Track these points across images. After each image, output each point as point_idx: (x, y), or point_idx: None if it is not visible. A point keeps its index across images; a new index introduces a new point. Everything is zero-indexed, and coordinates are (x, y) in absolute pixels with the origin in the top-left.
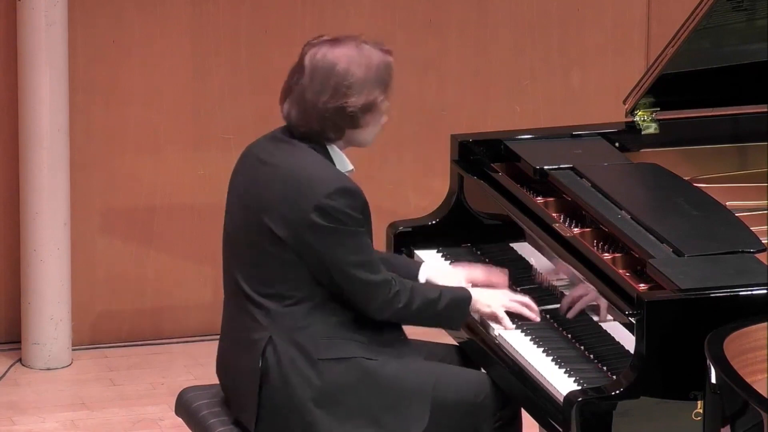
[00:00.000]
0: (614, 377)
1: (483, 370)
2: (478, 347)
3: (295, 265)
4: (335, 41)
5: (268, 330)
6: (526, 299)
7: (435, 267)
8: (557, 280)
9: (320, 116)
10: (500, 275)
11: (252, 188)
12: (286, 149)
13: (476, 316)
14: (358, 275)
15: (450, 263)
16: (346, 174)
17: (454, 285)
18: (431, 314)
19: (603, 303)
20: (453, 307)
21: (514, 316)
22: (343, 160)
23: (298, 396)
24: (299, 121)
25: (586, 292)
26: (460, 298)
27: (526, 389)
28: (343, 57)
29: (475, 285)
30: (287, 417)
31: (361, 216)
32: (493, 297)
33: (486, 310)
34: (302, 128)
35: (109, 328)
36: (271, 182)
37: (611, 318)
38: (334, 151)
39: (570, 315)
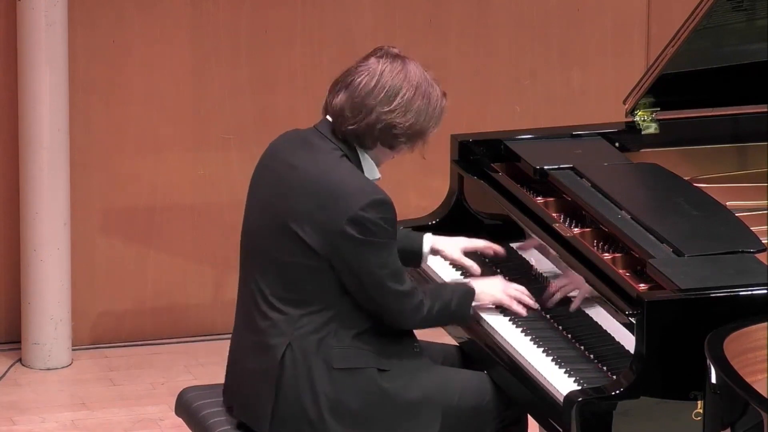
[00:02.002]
0: (614, 377)
1: (484, 372)
2: (478, 347)
3: (320, 273)
4: (410, 61)
5: (286, 336)
6: (522, 288)
7: (435, 237)
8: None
9: (371, 124)
10: (498, 247)
11: (280, 192)
12: (317, 154)
13: (480, 312)
14: (391, 285)
15: (450, 263)
16: (374, 182)
17: (455, 257)
18: (447, 315)
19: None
20: (463, 304)
21: (509, 312)
22: (372, 168)
23: (312, 404)
24: (350, 119)
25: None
26: (466, 293)
27: (525, 389)
28: (414, 81)
29: (472, 252)
30: (300, 424)
31: (393, 229)
32: (493, 286)
33: (489, 299)
34: (348, 125)
35: (109, 328)
36: (300, 189)
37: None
38: (365, 158)
39: (551, 304)
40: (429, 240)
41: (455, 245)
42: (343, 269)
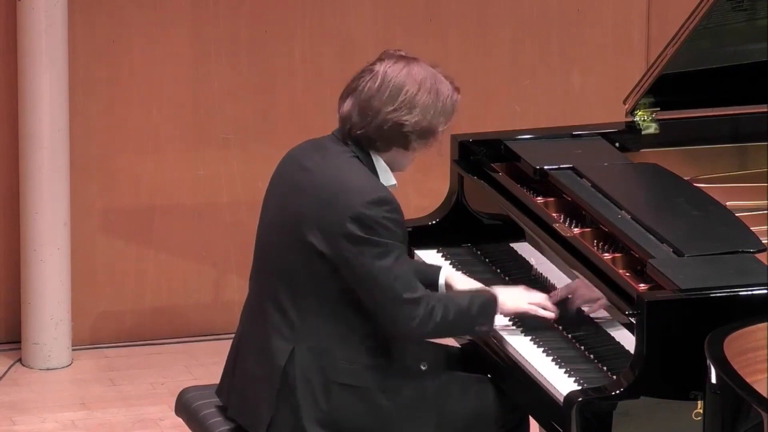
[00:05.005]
0: (614, 377)
1: (487, 376)
2: (479, 348)
3: (328, 281)
4: (414, 61)
5: (291, 342)
6: (544, 295)
7: (453, 272)
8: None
9: (379, 125)
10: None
11: (291, 194)
12: (329, 157)
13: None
14: (398, 290)
15: (450, 263)
16: (388, 188)
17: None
18: (466, 323)
19: (601, 301)
20: (484, 312)
21: (523, 318)
22: (387, 174)
23: (304, 414)
24: (358, 124)
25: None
26: (488, 301)
27: (526, 389)
28: (417, 78)
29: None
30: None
31: (399, 230)
32: (518, 295)
33: (512, 307)
34: (358, 131)
35: (109, 328)
36: (310, 190)
37: (608, 314)
38: (380, 163)
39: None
40: (444, 274)
41: (467, 283)
42: (348, 274)
